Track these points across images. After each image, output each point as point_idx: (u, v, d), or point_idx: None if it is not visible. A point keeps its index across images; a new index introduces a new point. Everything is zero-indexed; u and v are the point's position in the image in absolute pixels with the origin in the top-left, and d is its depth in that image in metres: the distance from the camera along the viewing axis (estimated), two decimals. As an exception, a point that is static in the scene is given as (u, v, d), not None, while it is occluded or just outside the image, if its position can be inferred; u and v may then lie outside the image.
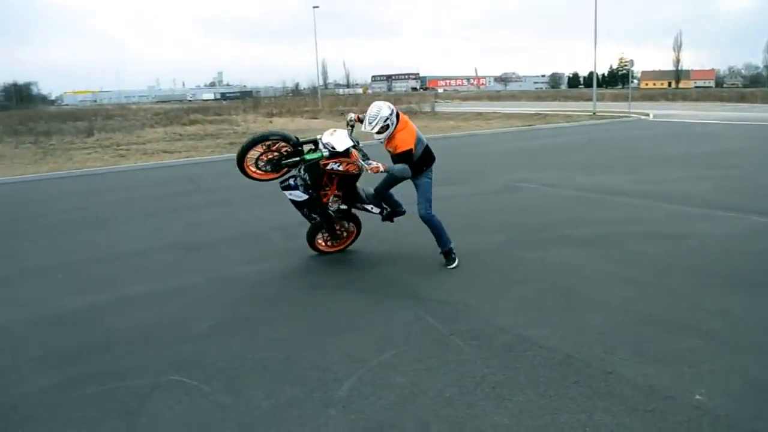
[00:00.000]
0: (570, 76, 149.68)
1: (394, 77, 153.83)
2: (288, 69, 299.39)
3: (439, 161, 6.63)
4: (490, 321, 4.90)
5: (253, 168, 6.31)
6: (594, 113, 33.34)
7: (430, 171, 6.46)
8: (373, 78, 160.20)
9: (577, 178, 11.92)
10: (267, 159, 6.30)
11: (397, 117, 6.16)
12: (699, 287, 5.58)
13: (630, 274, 6.00)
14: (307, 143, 6.37)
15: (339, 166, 6.26)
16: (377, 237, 7.53)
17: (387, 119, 6.07)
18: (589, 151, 17.00)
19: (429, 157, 6.44)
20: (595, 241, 7.19)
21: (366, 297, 5.62)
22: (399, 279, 6.07)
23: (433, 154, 6.52)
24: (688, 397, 3.65)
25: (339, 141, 6.23)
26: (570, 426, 3.41)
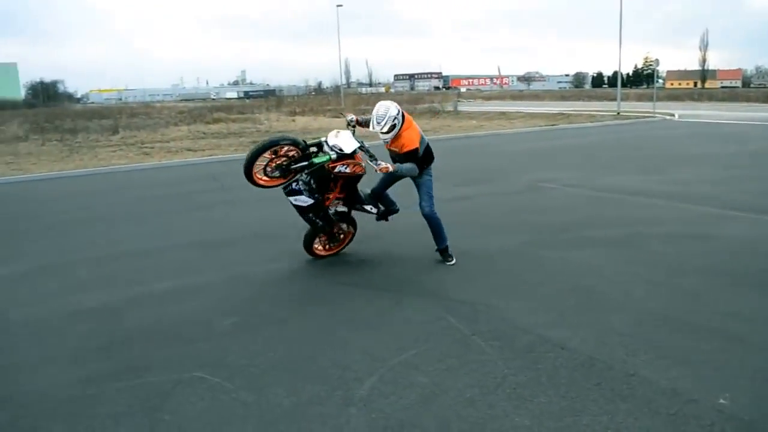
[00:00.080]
0: (594, 75, 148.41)
1: (416, 76, 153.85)
2: (311, 68, 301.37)
3: (462, 160, 6.64)
4: (511, 321, 4.89)
5: (261, 175, 6.12)
6: (618, 113, 33.02)
7: (430, 169, 6.51)
8: (396, 77, 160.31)
9: (600, 178, 11.83)
10: (275, 165, 6.09)
11: (402, 116, 6.16)
12: (723, 289, 5.52)
13: (652, 275, 5.95)
14: (312, 146, 6.24)
15: (346, 168, 6.18)
16: (397, 237, 7.54)
17: (395, 118, 6.06)
18: (613, 152, 16.84)
19: (430, 156, 6.48)
20: (617, 242, 7.13)
21: (387, 296, 5.63)
22: (419, 278, 6.07)
23: (433, 153, 6.54)
24: (711, 401, 3.61)
25: (346, 142, 6.15)
26: (591, 428, 3.39)
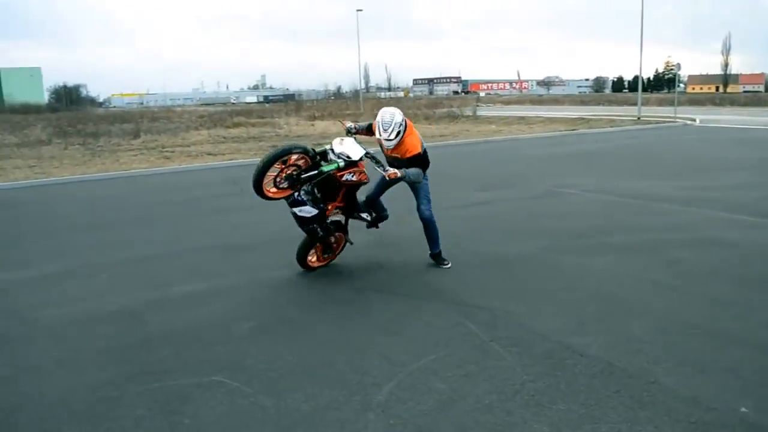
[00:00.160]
0: (614, 80, 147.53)
1: (435, 80, 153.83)
2: (330, 72, 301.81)
3: (481, 165, 6.65)
4: (530, 328, 4.87)
5: (270, 187, 5.94)
6: (639, 118, 32.76)
7: (426, 173, 6.48)
8: (415, 81, 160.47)
9: (621, 183, 11.75)
10: (285, 175, 5.92)
11: (405, 122, 6.15)
12: (745, 296, 5.46)
13: (673, 281, 5.89)
14: (319, 155, 6.09)
15: (353, 176, 6.08)
16: (414, 242, 7.52)
17: (400, 125, 6.05)
18: (633, 157, 16.73)
19: (427, 161, 6.45)
20: (638, 248, 7.07)
21: (405, 301, 5.63)
22: (438, 284, 6.06)
23: (429, 158, 6.53)
24: (733, 410, 3.57)
25: (352, 149, 6.04)
26: (611, 436, 3.36)
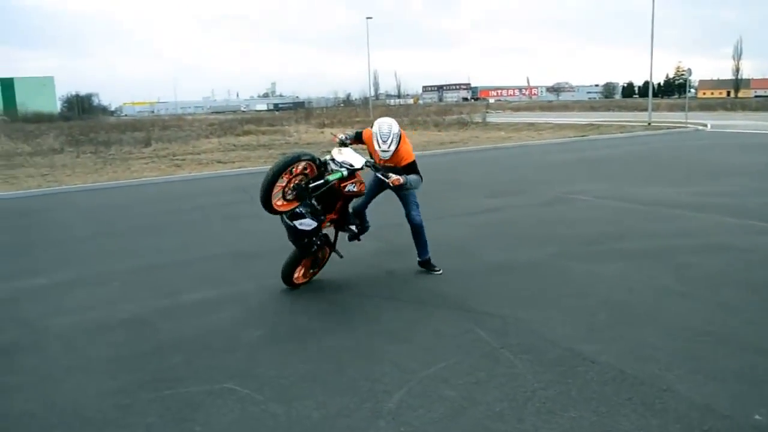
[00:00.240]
0: (624, 85, 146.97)
1: (445, 87, 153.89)
2: (340, 80, 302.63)
3: (491, 172, 6.64)
4: (540, 334, 4.85)
5: (277, 200, 5.74)
6: (649, 124, 32.65)
7: None
8: (424, 88, 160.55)
9: (631, 190, 11.70)
10: (294, 185, 5.73)
11: (400, 132, 6.15)
12: (758, 302, 5.42)
13: (685, 288, 5.86)
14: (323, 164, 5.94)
15: (354, 187, 6.00)
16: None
17: (397, 135, 6.04)
18: (644, 163, 16.66)
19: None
20: (649, 254, 7.04)
21: (415, 308, 5.62)
22: (448, 291, 6.05)
23: None
24: (747, 417, 3.55)
25: (354, 158, 5.94)
26: (623, 444, 3.35)
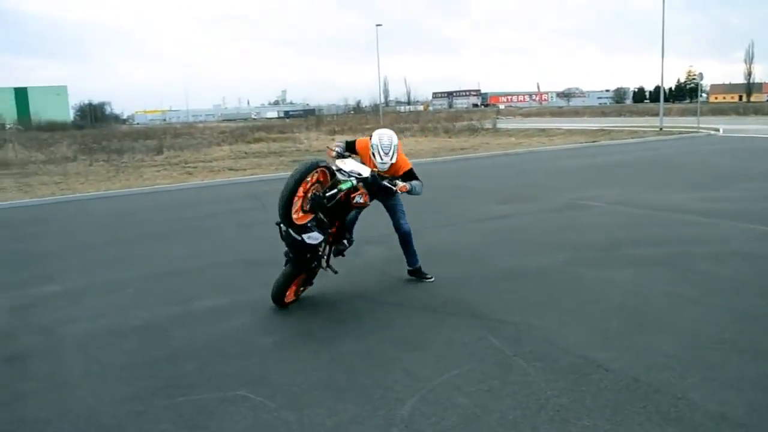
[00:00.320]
0: (635, 90, 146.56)
1: (455, 94, 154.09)
2: (350, 87, 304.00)
3: (501, 178, 6.62)
4: (553, 342, 4.83)
5: (295, 212, 5.49)
6: (661, 129, 32.49)
7: None
8: (434, 95, 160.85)
9: (644, 195, 11.64)
10: (311, 195, 5.52)
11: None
12: (774, 310, 5.37)
13: (699, 295, 5.82)
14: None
15: (361, 198, 5.87)
16: (434, 257, 7.52)
17: (396, 146, 6.04)
18: (656, 168, 16.59)
19: None
20: (662, 261, 7.00)
21: (428, 316, 5.61)
22: (460, 298, 6.04)
23: None
24: (763, 426, 3.52)
25: (361, 168, 5.85)
26: (638, 452, 3.32)
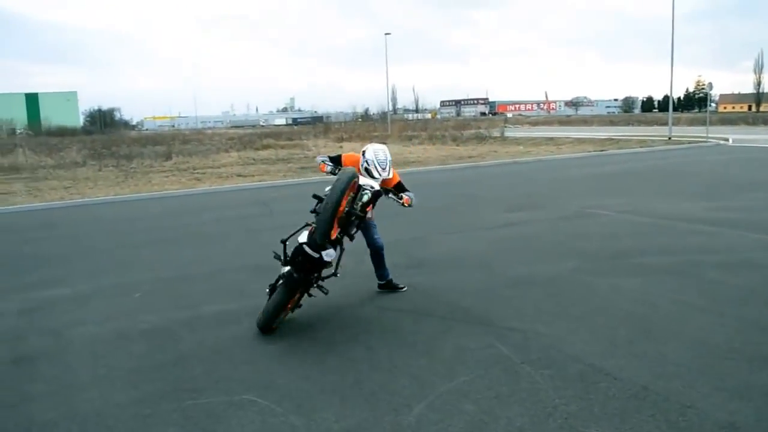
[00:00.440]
0: (644, 99, 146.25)
1: (463, 102, 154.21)
2: (358, 94, 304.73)
3: (510, 186, 6.61)
4: (561, 350, 4.81)
5: (334, 227, 5.28)
6: (670, 138, 32.41)
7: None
8: (442, 103, 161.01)
9: (653, 204, 11.60)
10: (348, 209, 5.37)
11: None
12: (784, 320, 5.34)
13: (708, 304, 5.79)
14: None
15: (370, 213, 5.81)
16: (441, 264, 7.52)
17: (391, 161, 6.01)
18: (665, 177, 16.54)
19: None
20: (671, 270, 6.97)
21: (436, 322, 5.60)
22: (468, 305, 6.03)
23: None
24: (773, 436, 3.49)
25: (370, 181, 5.76)
26: (646, 461, 3.30)
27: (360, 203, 5.53)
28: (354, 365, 4.72)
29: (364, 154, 5.95)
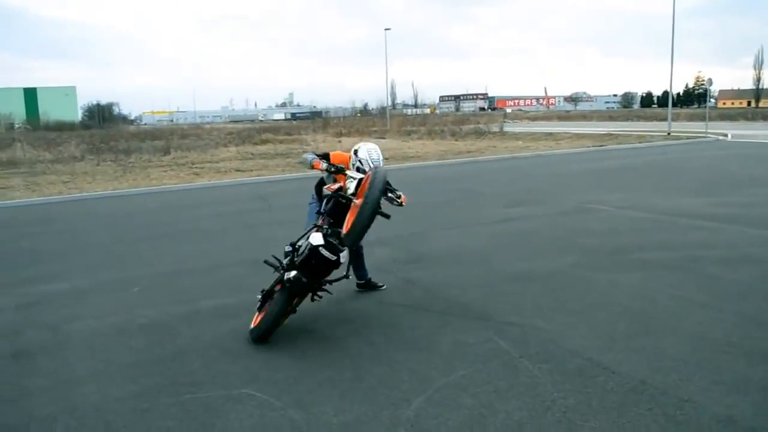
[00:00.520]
0: (643, 95, 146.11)
1: (462, 97, 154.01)
2: (358, 89, 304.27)
3: (509, 181, 6.60)
4: (560, 344, 4.82)
5: None
6: (669, 133, 32.41)
7: None
8: (441, 98, 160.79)
9: (651, 200, 11.61)
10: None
11: None
12: (782, 315, 5.34)
13: (707, 299, 5.79)
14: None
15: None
16: (441, 259, 7.52)
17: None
18: (664, 173, 16.54)
19: None
20: (670, 265, 6.97)
21: (435, 317, 5.61)
22: (467, 300, 6.03)
23: None
24: (771, 430, 3.49)
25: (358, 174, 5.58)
26: (645, 455, 3.31)
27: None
28: (353, 359, 4.72)
29: (356, 152, 5.73)
